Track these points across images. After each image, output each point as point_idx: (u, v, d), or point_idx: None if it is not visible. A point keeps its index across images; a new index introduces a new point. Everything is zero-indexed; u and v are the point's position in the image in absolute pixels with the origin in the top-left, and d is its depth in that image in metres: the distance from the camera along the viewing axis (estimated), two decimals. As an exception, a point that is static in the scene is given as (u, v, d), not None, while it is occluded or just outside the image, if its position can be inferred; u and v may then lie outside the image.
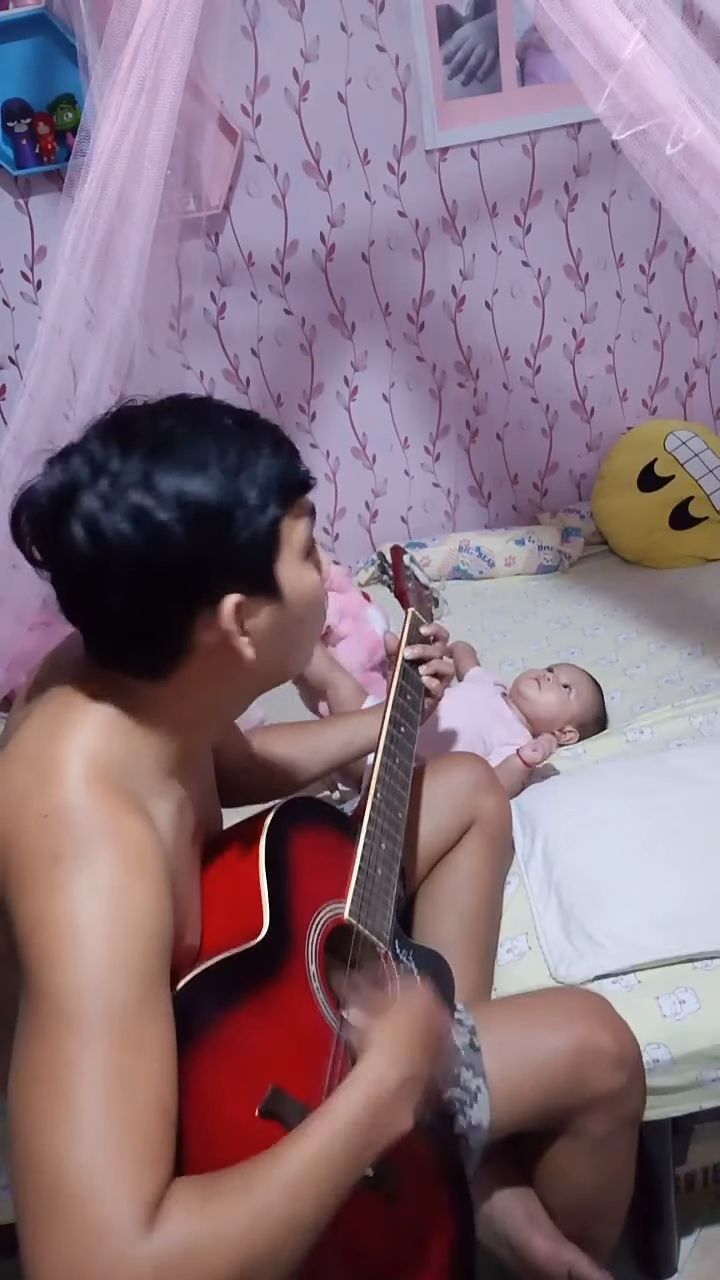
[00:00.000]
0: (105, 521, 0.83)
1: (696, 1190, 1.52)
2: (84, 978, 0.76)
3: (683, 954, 1.38)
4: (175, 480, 0.84)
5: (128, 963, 0.78)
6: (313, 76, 2.24)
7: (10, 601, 1.82)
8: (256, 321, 2.49)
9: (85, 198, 1.51)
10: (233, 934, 0.97)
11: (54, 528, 0.84)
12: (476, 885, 1.44)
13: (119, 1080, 0.74)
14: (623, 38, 1.28)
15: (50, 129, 2.17)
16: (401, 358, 2.59)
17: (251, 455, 0.89)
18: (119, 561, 0.83)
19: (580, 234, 2.49)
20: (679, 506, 2.54)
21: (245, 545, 0.88)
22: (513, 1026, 1.20)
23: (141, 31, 1.40)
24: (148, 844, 0.84)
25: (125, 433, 0.87)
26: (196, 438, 0.87)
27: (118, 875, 0.80)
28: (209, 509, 0.85)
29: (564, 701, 1.92)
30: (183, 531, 0.84)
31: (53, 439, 1.72)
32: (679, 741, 1.83)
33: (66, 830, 0.81)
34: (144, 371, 1.75)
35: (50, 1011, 0.76)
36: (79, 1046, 0.75)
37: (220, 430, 0.89)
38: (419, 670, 1.39)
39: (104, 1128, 0.73)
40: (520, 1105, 1.14)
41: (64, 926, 0.77)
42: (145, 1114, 0.75)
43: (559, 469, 2.80)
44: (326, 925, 1.06)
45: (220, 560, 0.87)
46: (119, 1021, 0.76)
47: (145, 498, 0.83)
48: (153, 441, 0.86)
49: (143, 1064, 0.76)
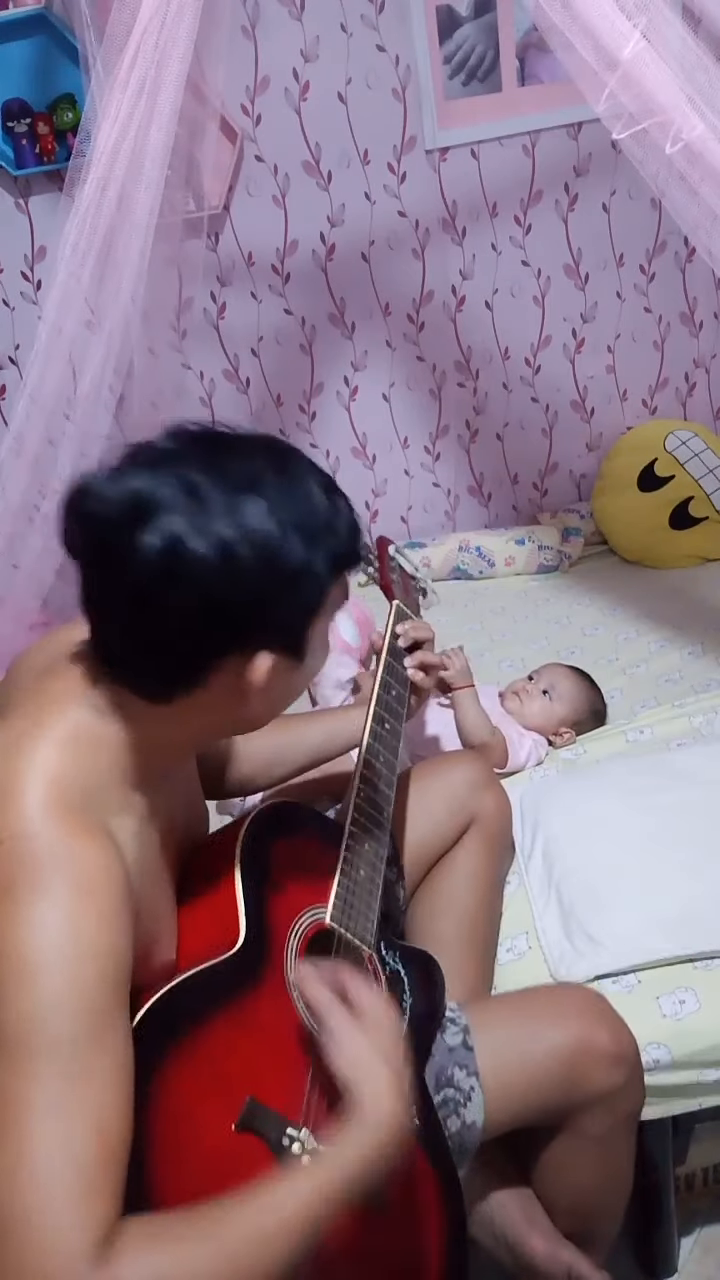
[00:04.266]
0: (189, 544, 0.81)
1: (696, 1190, 1.52)
2: (31, 1012, 0.76)
3: (683, 954, 1.38)
4: (264, 526, 0.84)
5: (76, 997, 0.77)
6: (313, 76, 2.24)
7: (10, 601, 1.83)
8: (256, 321, 2.49)
9: (85, 198, 1.51)
10: (209, 946, 0.96)
11: (126, 533, 0.82)
12: (476, 884, 1.44)
13: (55, 1113, 0.74)
14: (623, 37, 1.28)
15: (50, 129, 2.16)
16: (401, 357, 2.59)
17: (331, 524, 0.89)
18: (187, 585, 0.82)
19: (580, 234, 2.49)
20: (679, 506, 2.54)
21: (299, 607, 0.89)
22: (508, 1025, 1.19)
23: (142, 31, 1.40)
24: (105, 870, 0.83)
25: (219, 461, 0.86)
26: (288, 489, 0.87)
27: (70, 906, 0.79)
28: (286, 566, 0.85)
29: (547, 709, 1.90)
30: (256, 576, 0.84)
31: (53, 439, 1.73)
32: (679, 741, 1.83)
33: (19, 861, 0.80)
34: (144, 372, 1.75)
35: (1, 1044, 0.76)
36: (23, 1080, 0.74)
37: (309, 491, 0.89)
38: (404, 663, 1.38)
39: (46, 1159, 0.72)
40: (515, 1104, 1.14)
41: (13, 961, 0.77)
42: (87, 1145, 0.74)
43: (559, 469, 2.80)
44: (307, 930, 1.05)
45: (274, 614, 0.87)
46: (64, 1055, 0.76)
47: (233, 533, 0.82)
48: (247, 480, 0.85)
49: (88, 1094, 0.76)
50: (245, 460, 0.87)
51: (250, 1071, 0.92)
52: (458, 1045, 1.15)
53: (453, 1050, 1.15)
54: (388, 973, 1.14)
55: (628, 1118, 1.20)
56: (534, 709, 1.90)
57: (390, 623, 1.39)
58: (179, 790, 1.06)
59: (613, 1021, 1.19)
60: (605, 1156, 1.20)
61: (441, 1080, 1.13)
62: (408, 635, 1.41)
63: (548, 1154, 1.21)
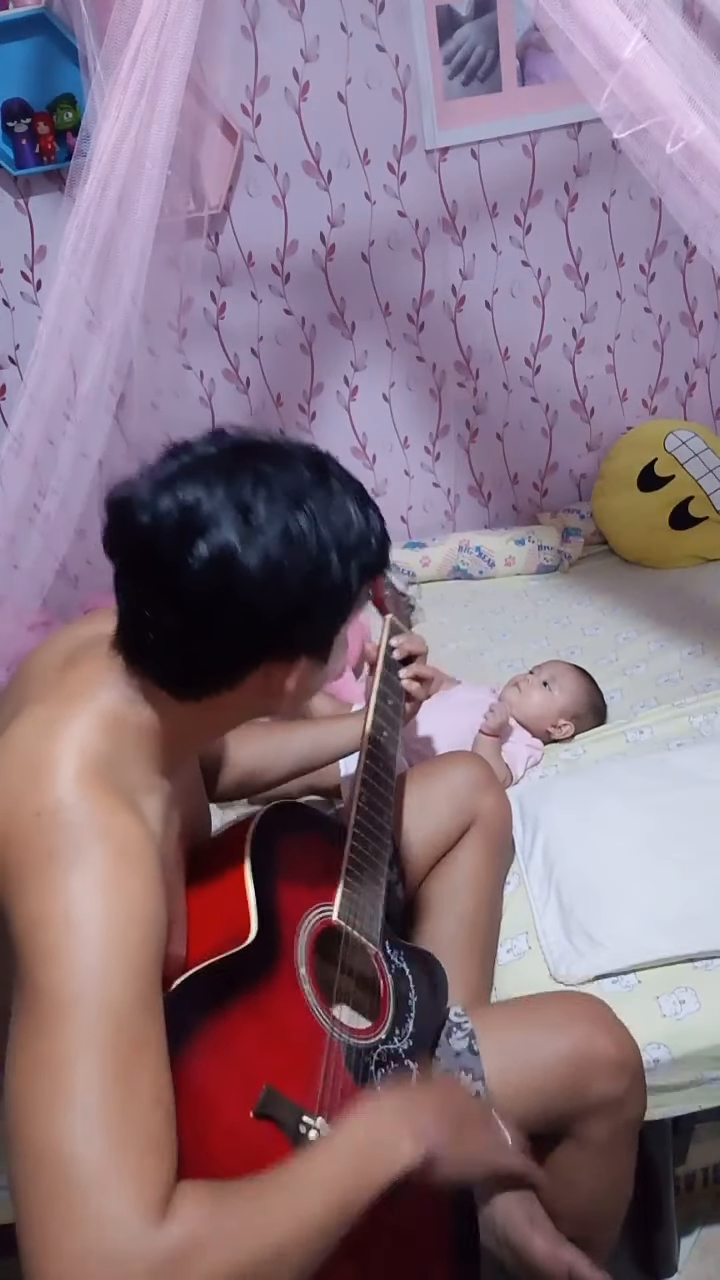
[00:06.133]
0: (241, 559, 0.83)
1: (696, 1190, 1.52)
2: (81, 972, 0.76)
3: (683, 954, 1.38)
4: (309, 544, 0.86)
5: (124, 958, 0.78)
6: (313, 76, 2.24)
7: (10, 601, 1.82)
8: (256, 321, 2.49)
9: (85, 198, 1.51)
10: (221, 940, 0.97)
11: (178, 546, 0.84)
12: (476, 885, 1.44)
13: (119, 1074, 0.74)
14: (623, 37, 1.28)
15: (50, 129, 2.16)
16: (401, 357, 2.59)
17: (366, 538, 0.92)
18: (235, 598, 0.84)
19: (580, 234, 2.49)
20: (679, 506, 2.54)
21: (333, 616, 0.93)
22: (512, 1031, 1.19)
23: (142, 31, 1.40)
24: (141, 840, 0.84)
25: (265, 474, 0.87)
26: (328, 504, 0.89)
27: (112, 871, 0.81)
28: (326, 580, 0.88)
29: (548, 698, 1.92)
30: (298, 590, 0.87)
31: (53, 439, 1.73)
32: (679, 741, 1.83)
33: (60, 829, 0.81)
34: (144, 371, 1.75)
35: (48, 1007, 0.76)
36: (78, 1041, 0.75)
37: (345, 505, 0.91)
38: (398, 674, 1.41)
39: (106, 1121, 0.73)
40: (519, 1110, 1.14)
41: (61, 923, 0.78)
42: (146, 1107, 0.75)
43: (559, 469, 2.80)
44: (315, 928, 1.06)
45: (311, 624, 0.90)
46: (116, 1016, 0.76)
47: (280, 550, 0.85)
48: (293, 495, 0.87)
49: (141, 1058, 0.76)
50: (289, 473, 0.88)
51: (266, 1061, 0.93)
52: (464, 1050, 1.15)
53: (459, 1055, 1.15)
54: (393, 971, 1.14)
55: (630, 1126, 1.20)
56: (534, 699, 1.91)
57: (385, 636, 1.43)
58: (188, 786, 1.07)
59: (616, 1029, 1.19)
60: (607, 1164, 1.20)
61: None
62: (403, 648, 1.44)
63: (550, 1161, 1.21)
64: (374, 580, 1.51)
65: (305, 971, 1.01)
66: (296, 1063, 0.95)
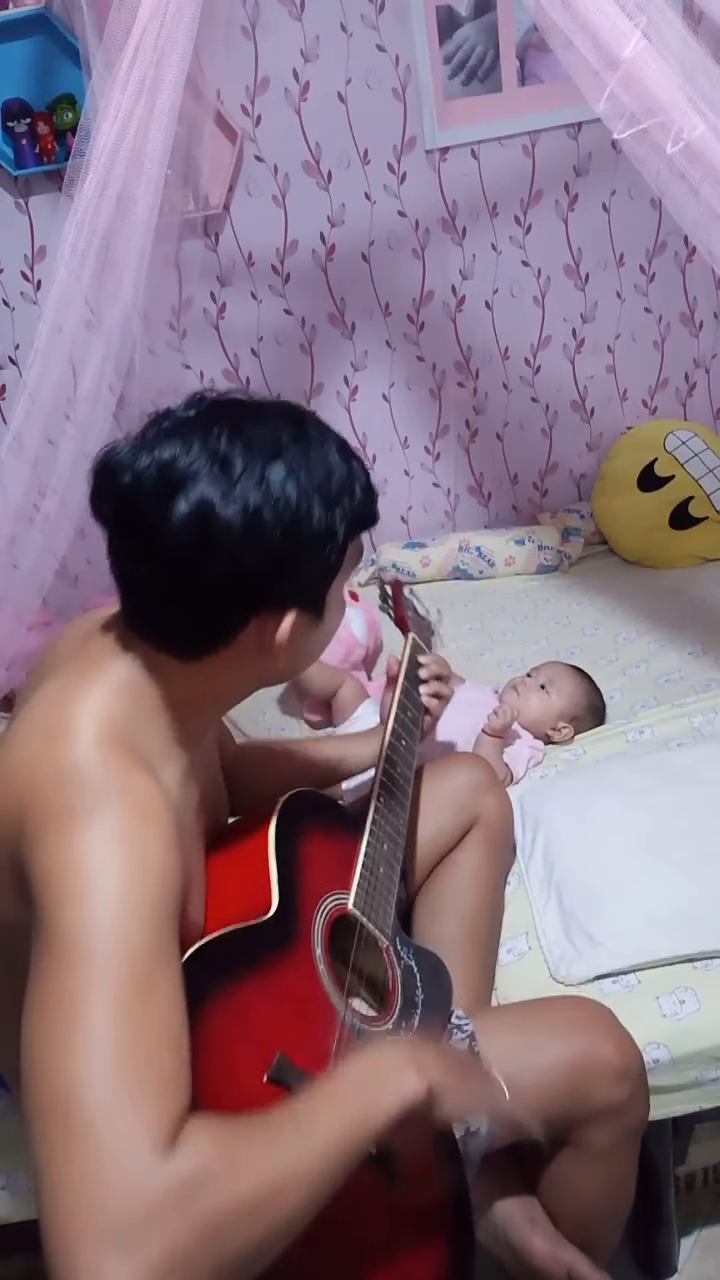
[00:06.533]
0: (219, 511, 0.86)
1: (696, 1190, 1.52)
2: (97, 917, 0.78)
3: (683, 954, 1.38)
4: (288, 492, 0.88)
5: (140, 906, 0.80)
6: (313, 76, 2.24)
7: (10, 601, 1.82)
8: (256, 321, 2.49)
9: (85, 198, 1.51)
10: (241, 911, 0.98)
11: (158, 503, 0.86)
12: (477, 885, 1.44)
13: (130, 1015, 0.76)
14: (623, 37, 1.28)
15: (50, 129, 2.16)
16: (401, 357, 2.59)
17: (349, 487, 0.94)
18: (217, 550, 0.86)
19: (580, 234, 2.49)
20: (679, 506, 2.54)
21: (320, 567, 0.94)
22: (514, 1036, 1.19)
23: (141, 31, 1.40)
24: (158, 800, 0.86)
25: (242, 428, 0.89)
26: (308, 454, 0.91)
27: (129, 825, 0.82)
28: (308, 529, 0.90)
29: (546, 702, 1.92)
30: (280, 539, 0.88)
31: (53, 439, 1.73)
32: (679, 741, 1.83)
33: (79, 785, 0.83)
34: (144, 371, 1.75)
35: (64, 949, 0.77)
36: (91, 981, 0.76)
37: (327, 455, 0.93)
38: (419, 689, 1.44)
39: (116, 1056, 0.74)
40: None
41: (79, 869, 0.80)
42: (156, 1046, 0.76)
43: (559, 469, 2.80)
44: (331, 913, 1.07)
45: (297, 574, 0.92)
46: (130, 961, 0.77)
47: (259, 499, 0.87)
48: (269, 446, 0.89)
49: (154, 1001, 0.78)
50: (266, 427, 0.90)
51: (280, 1031, 0.94)
52: (464, 1051, 1.15)
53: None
54: (402, 967, 1.15)
55: (632, 1132, 1.20)
56: (532, 703, 1.91)
57: (407, 653, 1.47)
58: (207, 770, 1.09)
59: (618, 1035, 1.18)
60: (609, 1170, 1.20)
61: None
62: (430, 668, 1.47)
63: (552, 1166, 1.21)
64: (395, 591, 1.56)
65: (321, 952, 1.02)
66: (309, 1037, 0.96)
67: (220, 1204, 0.72)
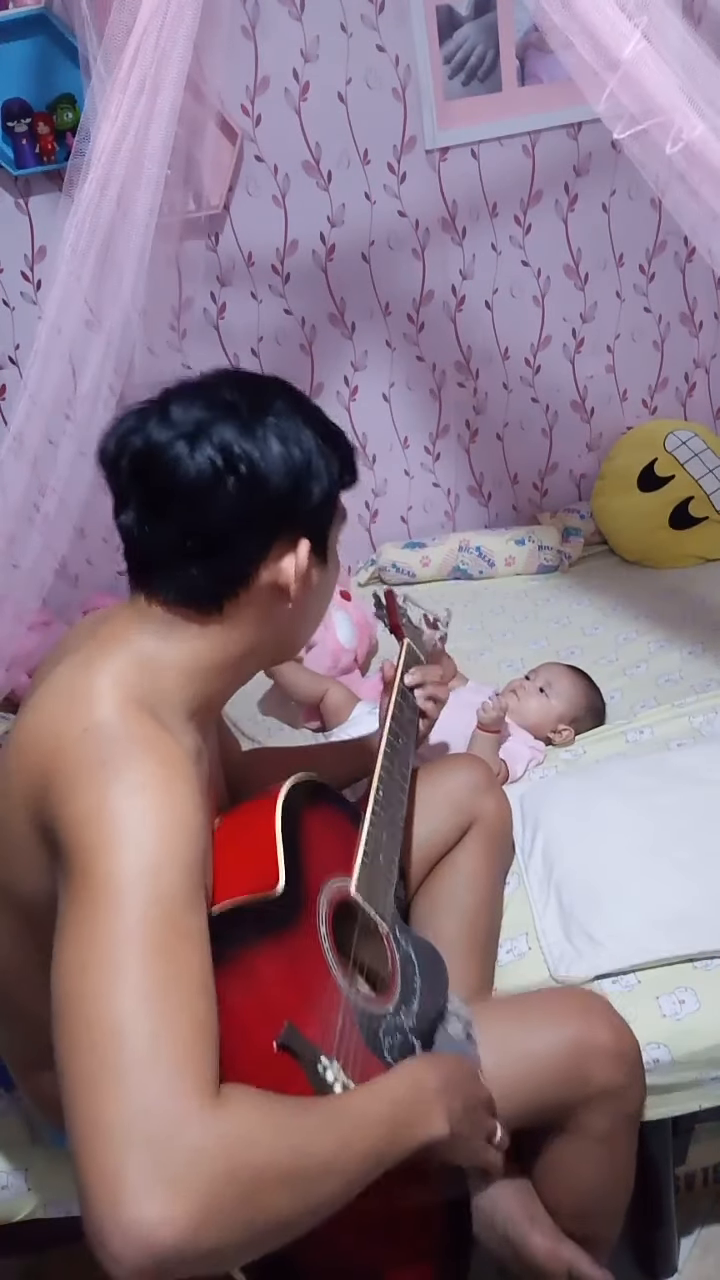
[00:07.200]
0: (238, 446, 0.94)
1: (696, 1190, 1.52)
2: (133, 864, 0.80)
3: (683, 954, 1.38)
4: (293, 429, 0.98)
5: (173, 853, 0.82)
6: (313, 76, 2.24)
7: (10, 601, 1.82)
8: (256, 321, 2.49)
9: (85, 198, 1.51)
10: (246, 885, 0.99)
11: (180, 445, 0.94)
12: (476, 885, 1.44)
13: (167, 957, 0.77)
14: (623, 37, 1.28)
15: (50, 129, 2.16)
16: (401, 357, 2.59)
17: (335, 434, 1.04)
18: (238, 480, 0.94)
19: (580, 234, 2.49)
20: (679, 506, 2.54)
21: (320, 503, 1.01)
22: (509, 1023, 1.20)
23: (142, 31, 1.40)
24: (181, 756, 0.90)
25: (244, 387, 1.00)
26: (300, 410, 1.01)
27: (158, 776, 0.85)
28: (311, 457, 0.99)
29: (545, 705, 1.92)
30: (286, 471, 0.97)
31: (53, 439, 1.73)
32: (679, 741, 1.83)
33: (107, 741, 0.87)
34: (144, 371, 1.75)
35: (100, 895, 0.79)
36: (127, 925, 0.78)
37: (313, 411, 1.03)
38: (414, 693, 1.45)
39: (155, 998, 0.75)
40: (517, 1101, 1.14)
41: (112, 818, 0.82)
42: (193, 992, 0.78)
43: (559, 469, 2.80)
44: (334, 896, 1.08)
45: (305, 507, 1.00)
46: (165, 905, 0.79)
47: (271, 435, 0.96)
48: (269, 397, 1.00)
49: (188, 945, 0.79)
50: (265, 388, 1.01)
51: (288, 1001, 0.95)
52: (460, 1038, 1.15)
53: (456, 1042, 1.15)
54: (401, 953, 1.15)
55: (629, 1117, 1.20)
56: (531, 706, 1.91)
57: (402, 660, 1.49)
58: (212, 765, 1.10)
59: (614, 1020, 1.19)
60: (607, 1157, 1.20)
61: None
62: (416, 675, 1.49)
63: (550, 1155, 1.21)
64: (389, 600, 1.58)
65: (325, 931, 1.04)
66: (314, 1009, 0.98)
67: (261, 1168, 0.73)
